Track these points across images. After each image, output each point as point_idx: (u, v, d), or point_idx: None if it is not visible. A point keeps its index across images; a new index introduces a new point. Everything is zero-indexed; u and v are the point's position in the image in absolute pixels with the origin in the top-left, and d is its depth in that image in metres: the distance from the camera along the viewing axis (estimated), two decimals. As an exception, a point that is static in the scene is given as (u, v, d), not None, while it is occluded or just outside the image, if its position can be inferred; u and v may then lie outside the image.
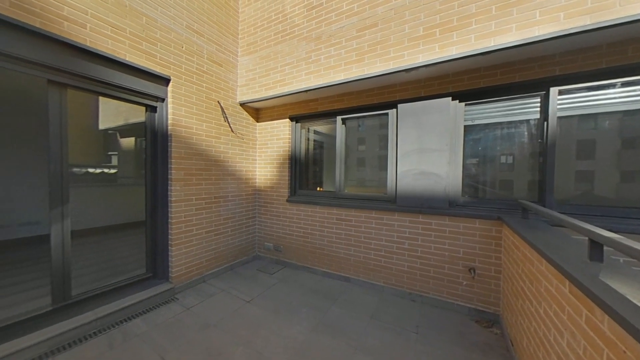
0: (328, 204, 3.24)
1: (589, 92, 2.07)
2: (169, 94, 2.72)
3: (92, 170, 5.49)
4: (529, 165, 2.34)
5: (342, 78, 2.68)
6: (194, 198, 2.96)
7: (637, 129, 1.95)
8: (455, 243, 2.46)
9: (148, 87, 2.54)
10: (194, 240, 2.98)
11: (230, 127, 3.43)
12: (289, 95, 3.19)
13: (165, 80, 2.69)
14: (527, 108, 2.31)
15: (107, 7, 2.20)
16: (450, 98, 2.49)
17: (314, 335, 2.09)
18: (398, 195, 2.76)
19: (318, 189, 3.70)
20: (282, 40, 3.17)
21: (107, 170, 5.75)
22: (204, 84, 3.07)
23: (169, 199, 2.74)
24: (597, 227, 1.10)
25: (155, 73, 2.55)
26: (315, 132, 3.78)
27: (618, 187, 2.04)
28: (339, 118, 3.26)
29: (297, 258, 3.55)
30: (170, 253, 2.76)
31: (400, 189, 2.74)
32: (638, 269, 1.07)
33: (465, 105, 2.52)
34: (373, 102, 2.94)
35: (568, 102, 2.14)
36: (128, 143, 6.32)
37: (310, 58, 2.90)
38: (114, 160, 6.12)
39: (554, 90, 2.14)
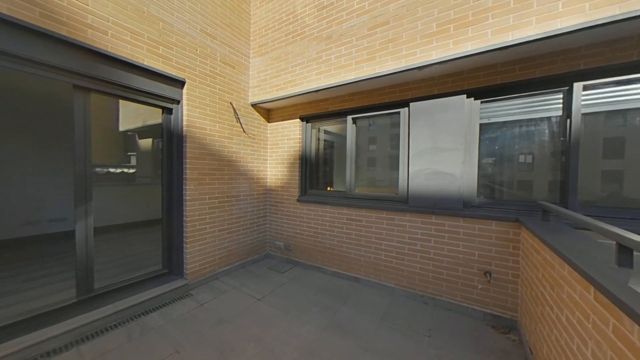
0: (338, 204, 3.24)
1: (618, 86, 1.94)
2: (184, 96, 2.81)
3: (112, 170, 5.77)
4: (550, 165, 2.23)
5: (352, 77, 2.66)
6: (208, 197, 3.05)
7: (672, 126, 1.81)
8: (470, 245, 2.39)
9: (164, 89, 2.63)
10: (208, 238, 3.06)
11: (242, 127, 3.50)
12: (300, 96, 3.20)
13: (181, 83, 2.78)
14: (548, 105, 2.20)
15: (126, 14, 2.30)
16: (465, 96, 2.41)
17: (324, 335, 2.09)
18: (410, 196, 2.71)
19: (328, 189, 3.70)
20: (292, 41, 3.19)
21: (126, 170, 6.03)
22: (217, 86, 3.15)
23: (184, 198, 2.83)
24: (626, 230, 1.03)
25: (171, 76, 2.64)
26: (326, 131, 3.78)
27: (650, 188, 1.91)
28: (350, 117, 3.24)
29: (307, 257, 3.56)
30: (185, 250, 2.85)
31: (412, 189, 2.69)
32: (673, 277, 1.00)
33: (481, 103, 2.44)
34: (384, 101, 2.90)
35: (594, 97, 2.02)
36: (146, 144, 6.59)
37: (321, 58, 2.91)
38: (133, 161, 6.40)
39: (578, 86, 2.02)
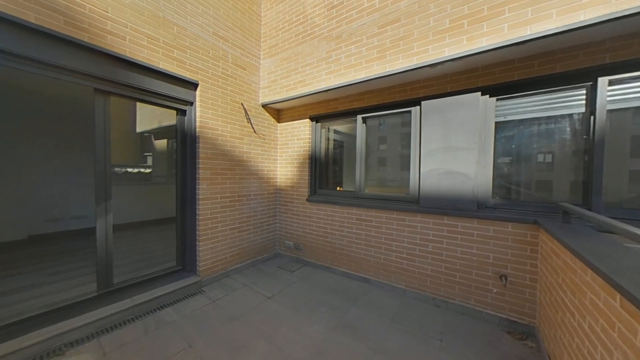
0: (348, 204, 3.22)
1: (648, 81, 1.82)
2: (197, 98, 2.88)
3: (130, 170, 6.01)
4: (572, 165, 2.12)
5: (362, 76, 2.64)
6: (219, 196, 3.11)
7: None
8: (485, 247, 2.31)
9: (179, 92, 2.71)
10: (219, 237, 3.12)
11: (253, 128, 3.55)
12: (310, 96, 3.21)
13: (194, 85, 2.85)
14: (570, 101, 2.09)
15: (143, 19, 2.39)
16: (480, 93, 2.34)
17: (333, 335, 2.09)
18: (421, 196, 2.66)
19: (338, 189, 3.69)
20: (302, 42, 3.20)
21: (143, 170, 6.26)
22: (229, 87, 3.21)
23: (197, 197, 2.90)
24: (656, 234, 0.96)
25: (185, 79, 2.72)
26: (335, 131, 3.78)
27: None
28: (359, 117, 3.22)
29: (316, 257, 3.57)
30: (198, 248, 2.93)
31: (424, 190, 2.64)
32: None
33: (497, 100, 2.35)
34: (395, 99, 2.86)
35: (620, 93, 1.90)
36: (161, 144, 6.81)
37: (331, 57, 2.90)
38: (149, 161, 6.63)
39: (603, 81, 1.91)
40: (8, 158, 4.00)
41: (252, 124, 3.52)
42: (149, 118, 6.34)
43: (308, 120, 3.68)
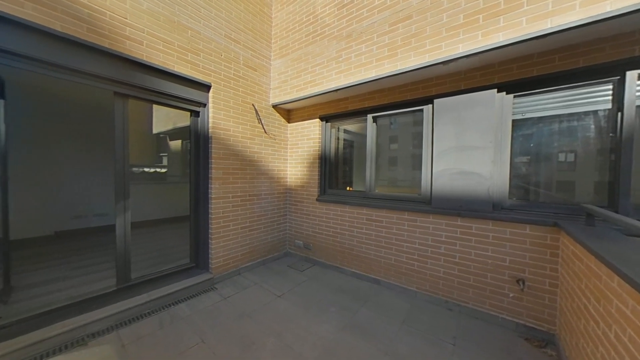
0: (358, 204, 3.20)
1: (683, 74, 1.69)
2: (210, 99, 2.96)
3: (147, 170, 6.25)
4: (597, 164, 2.01)
5: (373, 75, 2.61)
6: (231, 195, 3.18)
7: None
8: (500, 250, 2.23)
9: (192, 94, 2.79)
10: (231, 235, 3.19)
11: (264, 128, 3.59)
12: (319, 95, 3.21)
13: (207, 87, 2.92)
14: (594, 97, 1.98)
15: (159, 24, 2.47)
16: (496, 90, 2.26)
17: (343, 335, 2.08)
18: (433, 196, 2.60)
19: (348, 189, 3.67)
20: (312, 42, 3.21)
21: (159, 170, 6.49)
22: (240, 89, 3.26)
23: (210, 196, 2.97)
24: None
25: (199, 81, 2.79)
26: (345, 131, 3.76)
27: None
28: (370, 116, 3.18)
29: (326, 257, 3.57)
30: (211, 246, 3.00)
31: (436, 190, 2.58)
32: None
33: (514, 97, 2.26)
34: (406, 98, 2.81)
35: (652, 87, 1.78)
36: (176, 145, 7.04)
37: (341, 57, 2.89)
38: (165, 161, 6.87)
39: (632, 75, 1.80)
40: (38, 159, 4.26)
41: (262, 125, 3.56)
42: (165, 120, 6.57)
43: (318, 120, 3.68)
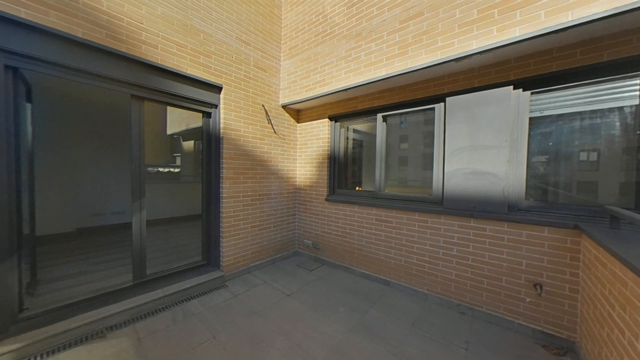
0: (367, 204, 3.17)
1: None
2: (221, 101, 3.01)
3: (161, 170, 6.45)
4: (622, 164, 1.89)
5: (383, 74, 2.58)
6: (241, 195, 3.23)
7: None
8: (516, 253, 2.15)
9: (204, 95, 2.85)
10: (241, 234, 3.24)
11: (274, 128, 3.63)
12: (329, 95, 3.21)
13: (218, 89, 2.98)
14: (619, 93, 1.87)
15: (173, 28, 2.55)
16: (512, 87, 2.18)
17: (352, 336, 2.07)
18: (445, 197, 2.54)
19: (357, 189, 3.64)
20: (322, 41, 3.21)
21: (172, 170, 6.68)
22: (250, 90, 3.31)
23: (221, 195, 3.03)
24: None
25: (211, 83, 2.85)
26: (355, 130, 3.74)
27: None
28: (380, 115, 3.15)
29: (335, 257, 3.56)
30: (222, 244, 3.06)
31: (448, 190, 2.51)
32: None
33: (532, 94, 2.17)
34: (417, 97, 2.76)
35: (685, 81, 1.66)
36: (189, 146, 7.23)
37: (350, 56, 2.87)
38: (178, 161, 7.07)
39: (662, 68, 1.69)
40: (60, 160, 4.49)
41: (272, 125, 3.60)
42: (178, 121, 6.76)
43: (327, 120, 3.68)
